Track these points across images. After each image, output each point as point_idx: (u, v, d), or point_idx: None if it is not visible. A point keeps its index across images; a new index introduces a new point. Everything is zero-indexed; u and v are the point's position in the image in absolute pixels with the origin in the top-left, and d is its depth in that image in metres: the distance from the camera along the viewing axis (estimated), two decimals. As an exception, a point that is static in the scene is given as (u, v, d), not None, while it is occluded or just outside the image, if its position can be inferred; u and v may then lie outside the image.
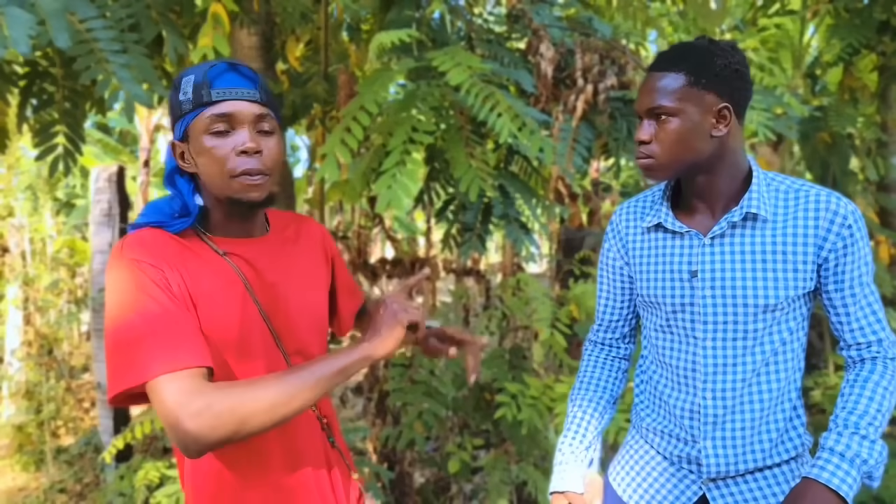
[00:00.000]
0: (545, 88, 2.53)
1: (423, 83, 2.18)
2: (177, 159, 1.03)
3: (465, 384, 2.88)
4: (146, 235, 0.97)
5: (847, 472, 1.05)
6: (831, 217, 1.12)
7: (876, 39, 3.88)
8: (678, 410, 1.24)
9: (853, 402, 1.12)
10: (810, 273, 1.14)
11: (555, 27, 2.64)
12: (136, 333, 0.88)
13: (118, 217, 3.87)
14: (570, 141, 2.43)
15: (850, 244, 1.12)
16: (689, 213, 1.21)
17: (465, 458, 2.71)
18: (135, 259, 0.93)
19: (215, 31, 1.88)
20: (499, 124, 1.81)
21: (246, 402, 0.87)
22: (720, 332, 1.17)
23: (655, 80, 1.12)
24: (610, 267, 1.35)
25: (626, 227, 1.30)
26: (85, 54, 1.79)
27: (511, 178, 2.67)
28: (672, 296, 1.20)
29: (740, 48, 1.14)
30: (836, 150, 4.18)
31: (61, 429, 4.58)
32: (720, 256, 1.16)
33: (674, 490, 1.27)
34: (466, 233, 2.58)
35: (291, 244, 1.14)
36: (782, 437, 1.21)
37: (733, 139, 1.14)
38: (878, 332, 1.15)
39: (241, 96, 0.99)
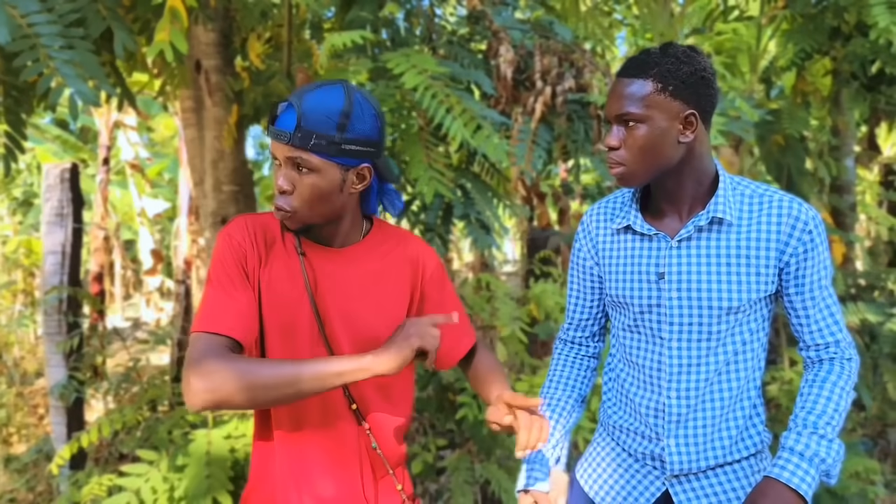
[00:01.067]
0: (505, 90, 2.54)
1: (381, 84, 2.17)
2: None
3: (429, 385, 2.88)
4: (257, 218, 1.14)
5: (806, 471, 1.08)
6: (793, 223, 1.16)
7: (828, 45, 4.00)
8: (643, 409, 1.26)
9: (812, 402, 1.16)
10: (772, 277, 1.18)
11: (515, 29, 2.65)
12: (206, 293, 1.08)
13: (71, 216, 3.74)
14: (529, 142, 2.44)
15: (810, 249, 1.16)
16: (658, 215, 1.24)
17: (428, 458, 2.71)
18: (228, 233, 1.11)
19: (173, 26, 1.83)
20: (453, 127, 1.81)
21: (247, 376, 0.96)
22: (685, 332, 1.20)
23: (623, 87, 1.13)
24: (580, 267, 1.37)
25: (596, 228, 1.33)
26: (27, 50, 1.73)
27: (472, 178, 2.68)
28: (640, 297, 1.23)
29: (706, 55, 1.16)
30: (791, 152, 4.30)
31: (13, 436, 4.42)
32: (686, 259, 1.19)
33: (638, 486, 1.29)
34: (428, 233, 2.58)
35: (374, 260, 1.18)
36: (742, 434, 1.25)
37: (700, 144, 1.17)
38: (836, 333, 1.20)
39: (278, 138, 1.06)
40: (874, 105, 4.07)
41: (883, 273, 4.34)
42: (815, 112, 4.40)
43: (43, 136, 7.68)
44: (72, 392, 3.54)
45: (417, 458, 2.75)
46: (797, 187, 4.45)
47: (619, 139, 1.15)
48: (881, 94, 3.90)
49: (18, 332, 5.04)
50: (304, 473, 1.13)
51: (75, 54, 1.78)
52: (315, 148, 1.03)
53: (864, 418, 3.85)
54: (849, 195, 4.48)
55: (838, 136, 4.38)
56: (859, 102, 3.98)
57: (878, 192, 5.52)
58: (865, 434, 3.78)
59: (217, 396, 0.95)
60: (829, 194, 4.41)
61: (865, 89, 4.05)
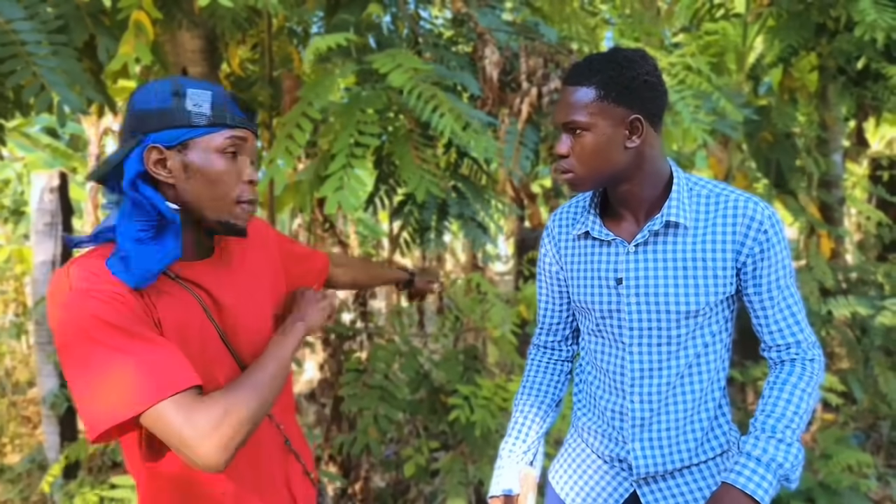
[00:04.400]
0: (491, 92, 2.54)
1: (368, 86, 2.17)
2: (149, 165, 0.96)
3: (421, 387, 2.88)
4: (94, 266, 0.92)
5: (763, 476, 1.07)
6: (748, 223, 1.14)
7: (814, 41, 4.03)
8: (608, 413, 1.27)
9: (772, 405, 1.15)
10: (730, 278, 1.17)
11: (501, 31, 2.66)
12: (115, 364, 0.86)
13: (60, 226, 3.73)
14: (516, 143, 2.45)
15: (766, 248, 1.15)
16: (616, 220, 1.24)
17: (420, 461, 2.71)
18: (89, 290, 0.89)
19: (137, 40, 1.82)
20: (441, 123, 1.82)
21: (248, 399, 0.91)
22: (645, 337, 1.20)
23: (569, 95, 1.13)
24: (547, 272, 1.37)
25: (558, 233, 1.33)
26: (10, 57, 1.72)
27: (462, 179, 2.68)
28: (600, 302, 1.23)
29: (651, 57, 1.16)
30: (780, 148, 4.32)
31: (6, 446, 4.40)
32: (643, 264, 1.19)
33: (607, 487, 1.30)
34: (425, 231, 2.58)
35: (239, 255, 1.13)
36: (707, 435, 1.25)
37: (650, 148, 1.16)
38: (797, 333, 1.18)
39: (250, 127, 1.02)
40: (860, 100, 4.10)
41: (872, 266, 4.36)
42: (802, 108, 4.42)
43: (34, 145, 7.64)
44: (63, 401, 3.52)
45: (410, 461, 2.75)
46: (786, 183, 4.47)
47: (567, 147, 1.15)
48: (867, 89, 3.93)
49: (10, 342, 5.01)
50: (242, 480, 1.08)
51: (60, 61, 1.77)
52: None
53: (855, 411, 3.87)
54: (837, 190, 4.51)
55: (826, 131, 4.40)
56: (846, 98, 4.01)
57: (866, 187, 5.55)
58: (857, 427, 3.80)
59: (234, 444, 0.89)
60: (817, 189, 4.44)
61: (852, 84, 4.07)
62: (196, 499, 1.04)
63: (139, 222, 0.94)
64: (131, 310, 0.90)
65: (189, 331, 0.99)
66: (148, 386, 0.86)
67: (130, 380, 0.86)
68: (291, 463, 1.19)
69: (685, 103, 2.58)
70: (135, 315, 0.90)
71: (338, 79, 1.97)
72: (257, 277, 1.15)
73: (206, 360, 1.00)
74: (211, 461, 0.86)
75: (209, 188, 0.99)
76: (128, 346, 0.87)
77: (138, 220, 0.94)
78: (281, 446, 1.16)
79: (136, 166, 0.95)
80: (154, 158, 0.96)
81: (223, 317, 1.05)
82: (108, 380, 0.86)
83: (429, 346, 3.34)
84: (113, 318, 0.87)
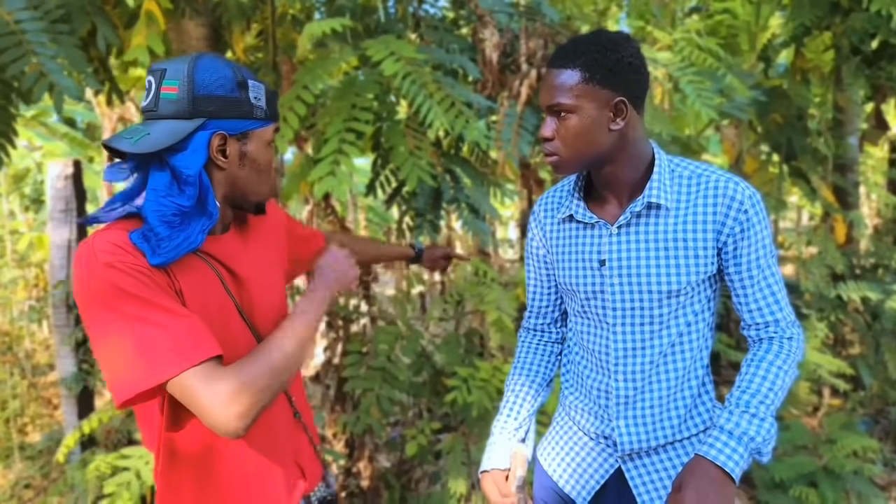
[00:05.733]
0: (491, 74, 2.54)
1: (365, 70, 2.18)
2: (213, 153, 0.99)
3: (423, 370, 2.91)
4: (117, 238, 0.93)
5: (734, 449, 1.09)
6: (728, 202, 1.15)
7: (828, 19, 3.93)
8: (594, 391, 1.30)
9: (747, 381, 1.16)
10: (711, 258, 1.18)
11: (502, 12, 2.65)
12: (138, 335, 0.88)
13: (75, 212, 3.82)
14: (516, 126, 2.44)
15: (746, 228, 1.16)
16: (600, 203, 1.26)
17: (422, 441, 2.75)
18: (113, 263, 0.90)
19: (149, 30, 1.86)
20: (432, 114, 1.82)
21: (265, 368, 0.93)
22: (628, 317, 1.22)
23: (553, 77, 1.14)
24: (534, 256, 1.40)
25: (544, 217, 1.35)
26: (12, 46, 1.76)
27: (462, 162, 2.69)
28: (584, 283, 1.25)
29: (634, 39, 1.17)
30: (792, 130, 4.24)
31: (28, 425, 4.55)
32: (626, 245, 1.21)
33: (593, 463, 1.32)
34: (418, 218, 2.59)
35: (254, 230, 1.18)
36: (690, 412, 1.27)
37: (633, 130, 1.17)
38: (776, 312, 1.19)
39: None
40: (875, 81, 4.00)
41: (888, 251, 4.28)
42: (815, 89, 4.33)
43: (52, 135, 7.78)
44: (80, 383, 3.63)
45: (413, 442, 2.80)
46: (799, 166, 4.40)
47: (551, 130, 1.16)
48: (881, 69, 3.83)
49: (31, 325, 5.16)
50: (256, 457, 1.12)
51: (60, 50, 1.81)
52: None
53: (864, 397, 3.83)
54: (852, 174, 4.42)
55: (841, 113, 4.31)
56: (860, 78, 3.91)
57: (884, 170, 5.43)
58: (866, 413, 3.76)
59: (254, 412, 0.91)
60: (832, 173, 4.35)
61: (866, 65, 3.97)
62: (213, 471, 1.07)
63: (175, 205, 0.94)
64: (154, 281, 0.92)
65: (208, 303, 1.01)
66: (173, 355, 0.88)
67: (156, 348, 0.88)
68: (300, 435, 1.22)
69: (689, 80, 2.53)
70: (157, 286, 0.92)
71: (335, 63, 1.98)
72: (269, 251, 1.20)
73: (226, 333, 1.02)
74: (230, 427, 0.89)
75: (258, 175, 1.06)
76: (152, 316, 0.89)
77: (173, 202, 0.94)
78: (291, 419, 1.20)
79: (204, 152, 0.97)
80: (217, 144, 1.00)
81: (240, 290, 1.08)
82: (134, 348, 0.88)
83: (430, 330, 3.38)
84: (136, 289, 0.89)
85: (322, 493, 1.25)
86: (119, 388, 0.89)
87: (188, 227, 0.95)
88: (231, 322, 1.05)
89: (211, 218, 0.98)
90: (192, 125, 0.96)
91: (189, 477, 1.06)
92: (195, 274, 1.00)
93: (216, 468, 1.06)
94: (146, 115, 0.99)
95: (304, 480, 1.20)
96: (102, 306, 0.89)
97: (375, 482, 3.03)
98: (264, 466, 1.11)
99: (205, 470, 1.06)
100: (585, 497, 1.32)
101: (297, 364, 1.01)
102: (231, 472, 1.07)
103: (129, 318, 0.88)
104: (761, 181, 4.56)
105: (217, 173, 1.03)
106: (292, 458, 1.18)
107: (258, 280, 1.11)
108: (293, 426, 1.20)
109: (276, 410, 1.15)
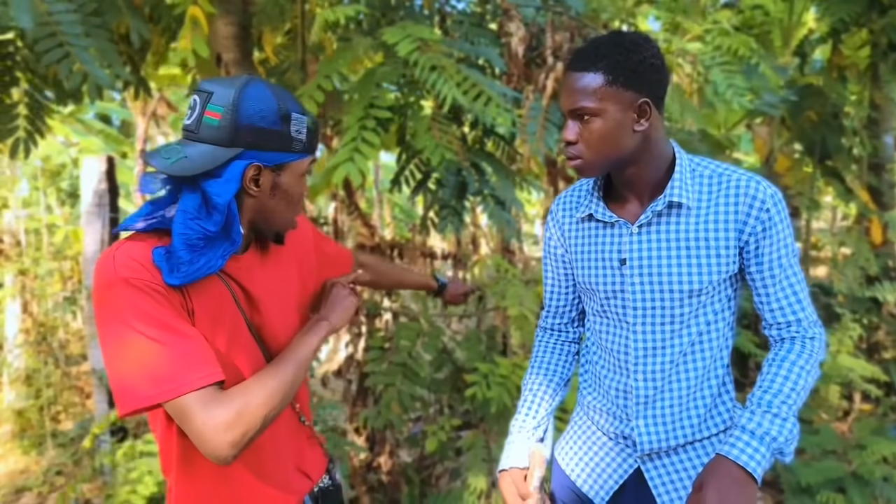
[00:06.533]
0: (517, 68, 2.53)
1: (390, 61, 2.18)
2: (247, 182, 1.00)
3: (444, 366, 2.91)
4: (139, 254, 0.95)
5: (756, 448, 1.07)
6: (750, 202, 1.15)
7: (866, 16, 3.82)
8: (613, 391, 1.28)
9: (769, 381, 1.14)
10: (733, 257, 1.17)
11: (528, 6, 2.63)
12: (146, 353, 0.91)
13: (108, 207, 3.92)
14: (542, 120, 2.43)
15: (769, 227, 1.15)
16: (620, 202, 1.25)
17: (441, 437, 2.75)
18: (130, 279, 0.92)
19: (194, 33, 1.89)
20: (445, 88, 1.81)
21: (263, 400, 0.95)
22: (649, 317, 1.21)
23: (575, 81, 1.12)
24: (552, 255, 1.39)
25: (562, 217, 1.34)
26: (47, 37, 1.81)
27: (487, 156, 2.68)
28: (605, 283, 1.24)
29: (654, 40, 1.15)
30: (826, 128, 4.13)
31: (61, 414, 4.68)
32: (647, 245, 1.20)
33: (612, 463, 1.31)
34: (444, 209, 2.59)
35: (274, 253, 1.18)
36: (710, 412, 1.25)
37: (655, 130, 1.17)
38: (798, 312, 1.18)
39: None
40: (914, 78, 3.87)
41: (926, 254, 4.14)
42: (852, 87, 4.21)
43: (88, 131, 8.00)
44: (110, 373, 3.71)
45: (433, 437, 2.80)
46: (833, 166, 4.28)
47: (575, 133, 1.15)
48: (921, 66, 3.71)
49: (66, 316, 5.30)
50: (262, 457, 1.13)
51: (93, 42, 1.86)
52: None
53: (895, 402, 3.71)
54: (887, 173, 4.29)
55: (877, 111, 4.18)
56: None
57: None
58: (900, 419, 3.64)
59: (245, 441, 0.93)
60: (867, 173, 4.23)
61: (905, 62, 3.85)
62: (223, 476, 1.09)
63: (201, 229, 0.96)
64: (168, 300, 0.94)
65: (220, 321, 1.02)
66: (175, 378, 0.91)
67: (159, 369, 0.91)
68: (304, 439, 1.23)
69: (720, 70, 2.46)
70: (171, 306, 0.94)
71: (354, 52, 1.99)
72: (287, 272, 1.20)
73: (235, 351, 1.04)
74: (222, 454, 0.91)
75: (287, 206, 1.06)
76: (160, 336, 0.91)
77: (200, 226, 0.96)
78: (296, 424, 1.21)
79: (237, 183, 0.97)
80: (251, 175, 1.00)
81: (253, 309, 1.09)
82: (139, 365, 0.91)
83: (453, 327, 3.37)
84: (149, 308, 0.92)
85: (324, 484, 1.26)
86: (122, 400, 0.92)
87: (210, 251, 0.97)
88: (241, 340, 1.06)
89: (234, 245, 0.99)
90: (229, 153, 0.96)
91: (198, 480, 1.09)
92: (210, 292, 1.01)
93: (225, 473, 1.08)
94: (186, 134, 0.99)
95: (306, 483, 1.21)
96: (115, 319, 0.92)
97: (396, 477, 3.04)
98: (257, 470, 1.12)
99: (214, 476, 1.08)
100: (604, 497, 1.30)
101: (294, 390, 1.02)
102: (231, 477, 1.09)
103: (138, 335, 0.91)
104: (794, 180, 4.45)
105: (247, 201, 1.03)
106: (294, 464, 1.18)
107: (273, 300, 1.12)
108: (297, 431, 1.21)
109: (280, 418, 1.15)
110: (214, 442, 0.90)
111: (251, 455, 1.09)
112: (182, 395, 0.90)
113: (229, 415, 0.91)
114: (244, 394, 0.95)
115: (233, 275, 1.06)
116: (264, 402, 0.95)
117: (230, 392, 0.94)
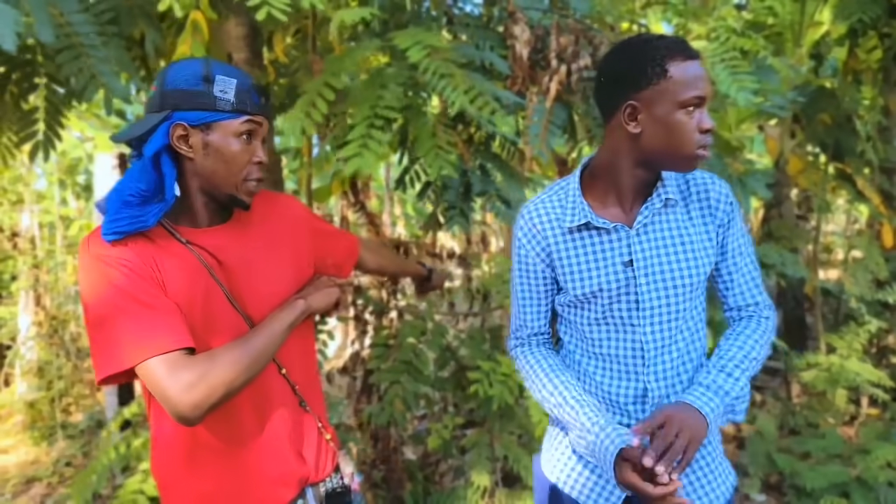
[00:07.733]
0: (521, 70, 2.53)
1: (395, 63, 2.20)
2: (174, 140, 1.07)
3: (447, 364, 2.93)
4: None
5: (710, 398, 1.16)
6: (717, 196, 1.25)
7: (883, 21, 3.76)
8: (622, 399, 1.25)
9: (726, 349, 1.25)
10: (717, 248, 1.26)
11: (534, 9, 2.64)
12: (117, 323, 0.99)
13: (119, 201, 3.99)
14: (545, 122, 2.43)
15: (732, 219, 1.25)
16: (603, 207, 1.23)
17: (445, 435, 2.77)
18: (101, 255, 1.01)
19: (194, 39, 1.92)
20: (454, 96, 1.84)
21: (227, 366, 1.00)
22: (657, 315, 1.22)
23: (699, 69, 1.11)
24: (529, 272, 1.30)
25: (543, 229, 1.26)
26: (67, 48, 1.83)
27: (492, 157, 2.69)
28: (609, 288, 1.21)
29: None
30: (840, 131, 4.09)
31: (71, 406, 4.76)
32: (648, 244, 1.21)
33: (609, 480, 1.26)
34: (450, 210, 2.60)
35: (257, 225, 1.21)
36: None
37: None
38: (756, 295, 1.30)
39: (265, 114, 1.13)
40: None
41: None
42: (865, 91, 4.17)
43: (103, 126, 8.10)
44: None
45: (435, 435, 2.82)
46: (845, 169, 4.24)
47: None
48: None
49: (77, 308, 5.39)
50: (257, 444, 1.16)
51: (110, 51, 1.88)
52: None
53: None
54: (899, 178, 4.24)
55: (889, 116, 4.14)
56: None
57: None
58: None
59: (207, 404, 0.98)
60: (879, 176, 4.19)
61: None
62: (200, 447, 1.13)
63: (134, 186, 1.04)
64: (137, 274, 1.02)
65: (193, 291, 1.08)
66: (142, 344, 0.98)
67: (129, 337, 0.99)
68: (307, 425, 1.24)
69: (724, 66, 2.41)
70: (140, 278, 1.02)
71: (361, 52, 2.01)
72: (274, 247, 1.22)
73: (211, 319, 1.09)
74: (184, 415, 0.97)
75: (223, 166, 1.09)
76: (131, 308, 0.99)
77: (138, 185, 1.04)
78: (295, 408, 1.22)
79: (162, 139, 1.07)
80: (178, 134, 1.07)
81: (230, 278, 1.12)
82: (113, 335, 0.99)
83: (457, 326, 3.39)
84: (120, 282, 1.00)
85: (333, 484, 1.27)
86: (98, 368, 1.01)
87: (144, 209, 1.03)
88: (218, 309, 1.10)
89: (166, 203, 1.05)
90: (158, 117, 1.06)
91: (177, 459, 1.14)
92: (180, 263, 1.07)
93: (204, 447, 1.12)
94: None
95: (306, 467, 1.22)
96: (90, 295, 1.01)
97: (399, 474, 3.07)
98: (254, 451, 1.15)
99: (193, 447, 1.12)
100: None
101: (263, 361, 1.07)
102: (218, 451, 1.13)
103: (110, 307, 0.99)
104: (807, 182, 4.42)
105: (187, 164, 1.10)
106: (291, 446, 1.20)
107: (253, 272, 1.15)
108: (297, 415, 1.22)
109: (275, 398, 1.18)
110: (176, 400, 0.96)
111: (247, 430, 1.14)
112: (147, 359, 0.97)
113: (192, 376, 0.97)
114: (209, 359, 1.01)
115: (205, 246, 1.11)
116: (229, 367, 1.01)
117: (196, 357, 1.01)
